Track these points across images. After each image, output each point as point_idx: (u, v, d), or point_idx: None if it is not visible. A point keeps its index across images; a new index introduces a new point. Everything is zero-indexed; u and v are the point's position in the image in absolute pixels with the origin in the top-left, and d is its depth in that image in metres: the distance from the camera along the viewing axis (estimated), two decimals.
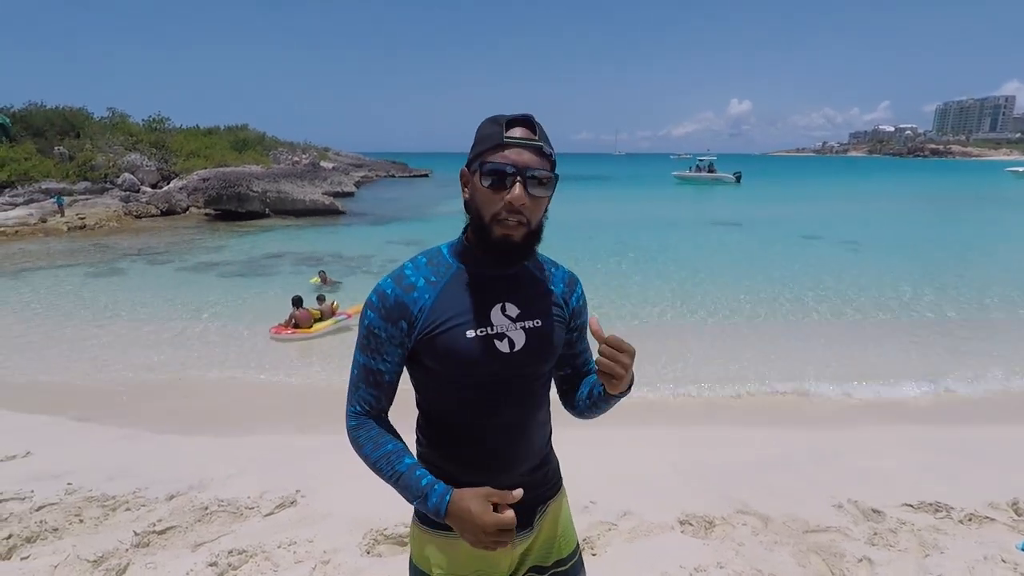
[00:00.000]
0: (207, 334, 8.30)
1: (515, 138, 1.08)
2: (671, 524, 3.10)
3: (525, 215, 1.08)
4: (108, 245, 16.24)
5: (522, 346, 1.16)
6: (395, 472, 1.12)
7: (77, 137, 25.08)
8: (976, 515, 3.11)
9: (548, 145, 1.11)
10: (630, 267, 12.83)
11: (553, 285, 1.27)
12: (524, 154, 1.07)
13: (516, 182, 1.06)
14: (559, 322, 1.25)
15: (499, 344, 1.15)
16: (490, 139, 1.09)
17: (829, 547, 2.83)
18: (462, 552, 1.22)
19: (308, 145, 46.44)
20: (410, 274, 1.17)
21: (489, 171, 1.07)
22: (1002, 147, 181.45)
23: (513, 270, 1.20)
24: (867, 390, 5.96)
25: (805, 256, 14.33)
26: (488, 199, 1.09)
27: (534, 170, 1.07)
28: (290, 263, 13.77)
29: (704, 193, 38.16)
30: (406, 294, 1.14)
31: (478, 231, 1.13)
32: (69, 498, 3.38)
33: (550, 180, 1.11)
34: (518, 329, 1.17)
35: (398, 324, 1.14)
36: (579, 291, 1.33)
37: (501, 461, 1.21)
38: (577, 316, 1.32)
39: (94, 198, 21.94)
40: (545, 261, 1.31)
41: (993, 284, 10.77)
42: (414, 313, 1.14)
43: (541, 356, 1.20)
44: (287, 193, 23.79)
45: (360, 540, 2.93)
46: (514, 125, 1.09)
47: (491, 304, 1.16)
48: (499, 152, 1.07)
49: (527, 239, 1.11)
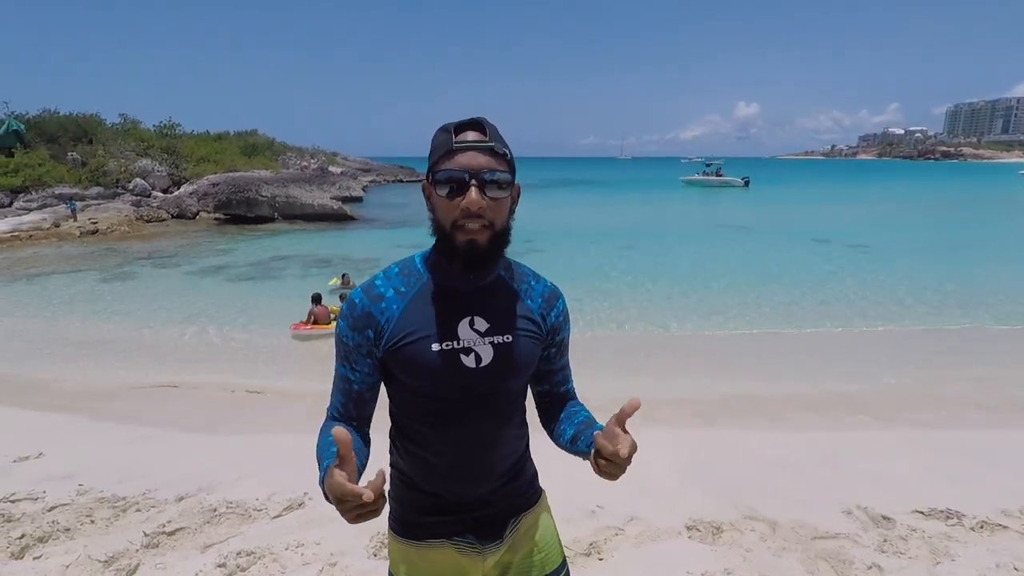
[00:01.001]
0: (217, 336, 8.37)
1: (465, 142, 1.05)
2: (678, 529, 3.09)
3: (486, 218, 1.05)
4: (119, 249, 16.43)
5: (489, 362, 1.13)
6: (319, 460, 1.06)
7: (90, 143, 25.45)
8: (988, 522, 3.07)
9: (501, 145, 1.07)
10: (634, 270, 12.81)
11: (530, 300, 1.22)
12: (477, 157, 1.04)
13: (471, 186, 1.04)
14: (532, 338, 1.20)
15: (465, 359, 1.12)
16: (441, 147, 1.07)
17: (838, 554, 2.81)
18: (431, 561, 1.23)
19: (317, 150, 46.80)
20: (379, 284, 1.16)
21: (443, 179, 1.05)
22: (1014, 149, 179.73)
23: (485, 282, 1.16)
24: (875, 392, 5.92)
25: (814, 259, 14.25)
26: (446, 207, 1.07)
27: (488, 172, 1.04)
28: (299, 266, 13.87)
29: (711, 198, 38.04)
30: (373, 304, 1.13)
31: (442, 240, 1.11)
32: (80, 499, 3.41)
33: (507, 181, 1.07)
34: (486, 344, 1.13)
35: (364, 333, 1.13)
36: (560, 307, 1.27)
37: (466, 473, 1.19)
38: (556, 332, 1.26)
39: (106, 203, 22.23)
40: (526, 273, 1.26)
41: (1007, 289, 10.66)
42: (381, 323, 1.13)
43: (509, 373, 1.16)
44: (296, 198, 23.98)
45: (367, 543, 2.94)
46: (463, 130, 1.07)
47: (459, 317, 1.13)
48: (451, 159, 1.05)
49: (492, 242, 1.08)
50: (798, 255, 15.09)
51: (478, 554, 1.23)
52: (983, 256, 14.72)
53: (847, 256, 14.80)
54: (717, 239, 18.22)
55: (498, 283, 1.19)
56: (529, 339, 1.19)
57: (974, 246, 16.48)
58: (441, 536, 1.22)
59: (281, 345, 7.94)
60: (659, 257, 14.72)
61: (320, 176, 34.01)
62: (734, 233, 19.59)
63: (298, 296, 10.69)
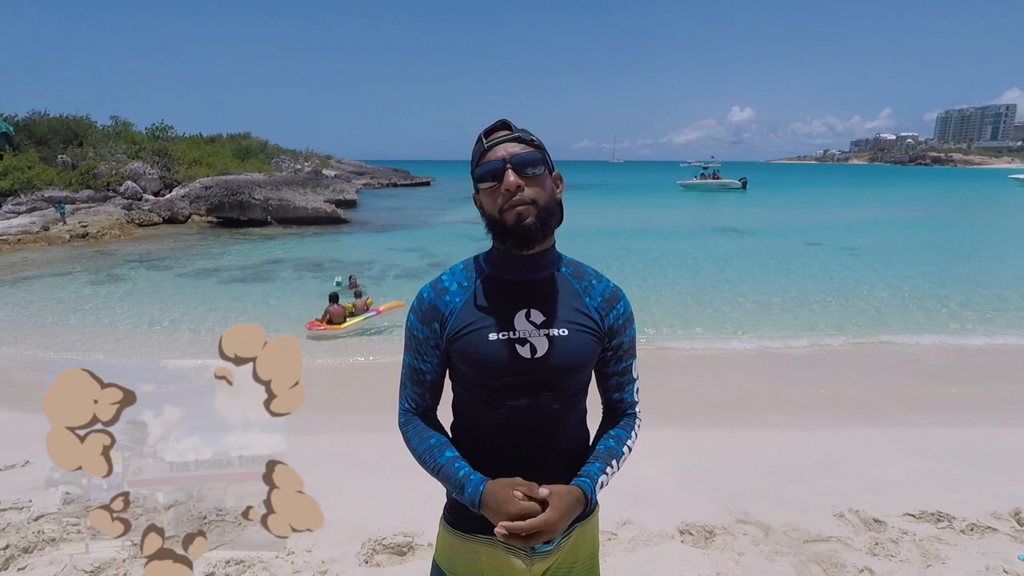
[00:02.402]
0: (206, 340, 8.31)
1: (495, 138, 1.17)
2: (671, 533, 3.08)
3: (528, 197, 1.13)
4: (110, 252, 16.30)
5: (544, 353, 1.16)
6: (436, 464, 1.18)
7: (80, 145, 25.22)
8: (978, 525, 3.09)
9: (528, 134, 1.18)
10: (626, 271, 12.84)
11: (589, 298, 1.24)
12: (508, 147, 1.15)
13: (507, 169, 1.12)
14: (589, 334, 1.21)
15: (520, 349, 1.16)
16: (477, 152, 1.19)
17: (830, 557, 2.81)
18: (480, 557, 1.25)
19: (310, 153, 46.62)
20: (445, 279, 1.25)
21: (482, 175, 1.16)
22: (1003, 155, 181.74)
23: (542, 275, 1.22)
24: (869, 395, 5.94)
25: (814, 263, 14.32)
26: (491, 197, 1.16)
27: (519, 155, 1.14)
28: (291, 269, 13.81)
29: (708, 200, 38.17)
30: (439, 298, 1.22)
31: (494, 229, 1.17)
32: (67, 508, 3.37)
33: (539, 159, 1.16)
34: (541, 336, 1.17)
35: (431, 326, 1.22)
36: (620, 308, 1.27)
37: (522, 467, 1.18)
38: (614, 335, 1.26)
39: (97, 206, 22.03)
40: (588, 272, 1.29)
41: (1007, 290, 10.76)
42: (445, 315, 1.21)
43: (563, 365, 1.18)
44: (289, 201, 23.88)
45: (358, 550, 2.92)
46: (492, 132, 1.19)
47: (516, 309, 1.18)
48: (485, 156, 1.16)
49: (540, 217, 1.14)
50: (798, 257, 15.17)
51: (528, 558, 1.24)
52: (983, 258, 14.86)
53: (844, 257, 14.90)
54: (713, 241, 18.30)
55: (557, 279, 1.24)
56: (586, 335, 1.21)
57: (974, 247, 16.63)
58: (491, 533, 1.20)
59: None
60: (653, 257, 14.76)
61: (314, 179, 33.87)
62: (733, 235, 19.66)
63: (290, 299, 10.65)
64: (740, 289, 11.25)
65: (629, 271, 13.20)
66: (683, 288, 11.44)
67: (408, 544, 2.95)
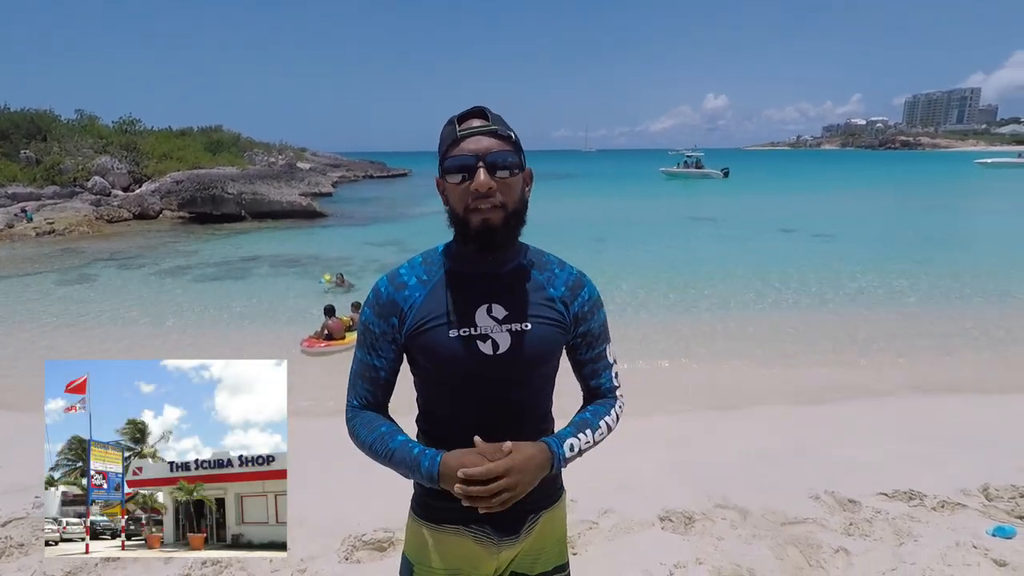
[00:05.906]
0: (179, 340, 8.14)
1: (470, 128, 1.09)
2: (652, 521, 3.11)
3: (497, 199, 1.08)
4: (78, 250, 15.84)
5: (506, 349, 1.14)
6: (388, 450, 1.14)
7: (44, 140, 24.41)
8: (948, 502, 3.17)
9: (505, 128, 1.10)
10: (603, 261, 12.89)
11: (553, 288, 1.21)
12: (482, 141, 1.08)
13: (478, 168, 1.06)
14: (553, 326, 1.19)
15: (481, 345, 1.13)
16: (447, 138, 1.11)
17: (806, 539, 2.86)
18: (448, 548, 1.24)
19: (284, 146, 45.78)
20: (403, 273, 1.21)
21: (452, 167, 1.09)
22: (968, 138, 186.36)
23: (504, 269, 1.18)
24: (844, 377, 6.07)
25: (799, 250, 14.49)
26: (458, 193, 1.10)
27: (494, 153, 1.07)
28: (268, 266, 13.57)
29: (692, 189, 38.39)
30: (397, 292, 1.18)
31: (457, 225, 1.13)
32: (37, 512, 3.28)
33: (514, 162, 1.10)
34: (503, 331, 1.14)
35: (389, 320, 1.18)
36: (585, 295, 1.24)
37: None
38: (581, 321, 1.23)
39: (63, 202, 21.38)
40: (551, 261, 1.26)
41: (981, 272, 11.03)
42: (404, 310, 1.17)
43: (526, 360, 1.16)
44: (263, 195, 23.44)
45: (338, 547, 2.89)
46: (466, 119, 1.11)
47: (476, 305, 1.15)
48: (457, 146, 1.09)
49: (505, 221, 1.10)
50: (780, 244, 15.37)
51: (494, 545, 1.23)
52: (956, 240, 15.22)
53: (830, 245, 15.14)
54: (693, 229, 18.46)
55: (519, 271, 1.20)
56: (550, 327, 1.18)
57: (948, 231, 17.03)
58: (459, 523, 1.22)
59: (263, 350, 7.76)
60: (628, 248, 14.84)
61: (288, 172, 33.31)
62: (708, 224, 19.84)
63: (266, 297, 10.49)
64: (707, 270, 11.35)
65: (600, 259, 13.26)
66: (653, 273, 11.52)
67: (388, 540, 2.93)
